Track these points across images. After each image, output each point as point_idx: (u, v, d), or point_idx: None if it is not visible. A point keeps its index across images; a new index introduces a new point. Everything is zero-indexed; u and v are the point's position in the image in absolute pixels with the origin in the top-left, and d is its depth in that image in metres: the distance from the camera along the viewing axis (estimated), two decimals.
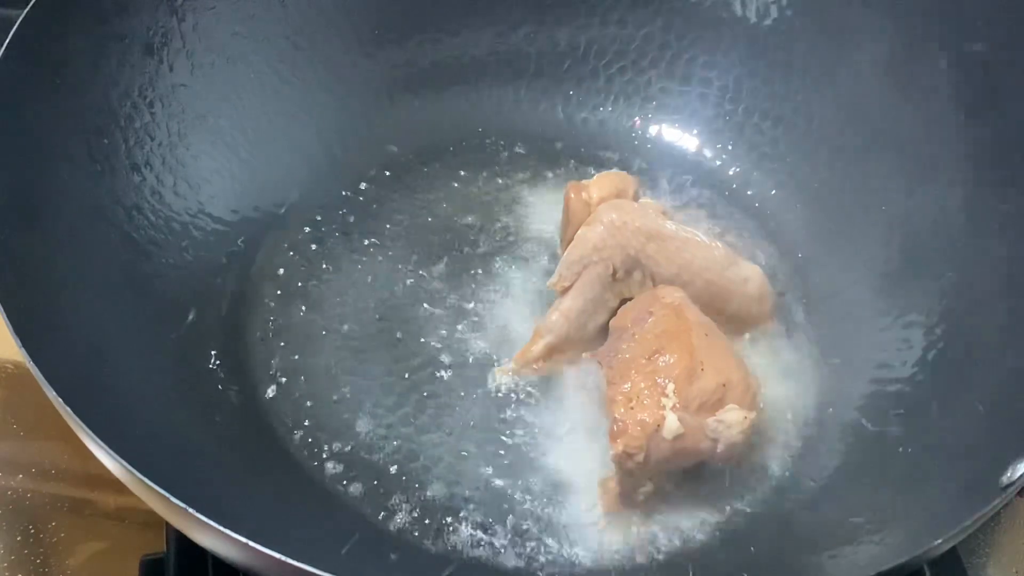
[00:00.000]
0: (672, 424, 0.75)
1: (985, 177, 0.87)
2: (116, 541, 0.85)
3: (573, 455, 0.83)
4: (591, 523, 0.79)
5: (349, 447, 0.83)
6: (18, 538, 0.84)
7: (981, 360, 0.80)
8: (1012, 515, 0.88)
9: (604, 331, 0.88)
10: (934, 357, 0.84)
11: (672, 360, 0.78)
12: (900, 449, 0.80)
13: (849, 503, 0.78)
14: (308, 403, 0.86)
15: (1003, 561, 0.86)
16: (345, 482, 0.81)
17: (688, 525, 0.80)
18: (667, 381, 0.77)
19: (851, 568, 0.69)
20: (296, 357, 0.89)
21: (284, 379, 0.87)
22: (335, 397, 0.86)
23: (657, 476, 0.78)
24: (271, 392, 0.86)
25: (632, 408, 0.76)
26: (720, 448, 0.77)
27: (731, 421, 0.77)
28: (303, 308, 0.92)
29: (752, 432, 0.78)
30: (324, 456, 0.83)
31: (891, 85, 0.95)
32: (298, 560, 0.58)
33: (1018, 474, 0.64)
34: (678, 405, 0.76)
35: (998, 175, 0.86)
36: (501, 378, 0.88)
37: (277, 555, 0.58)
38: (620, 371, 0.79)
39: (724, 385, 0.77)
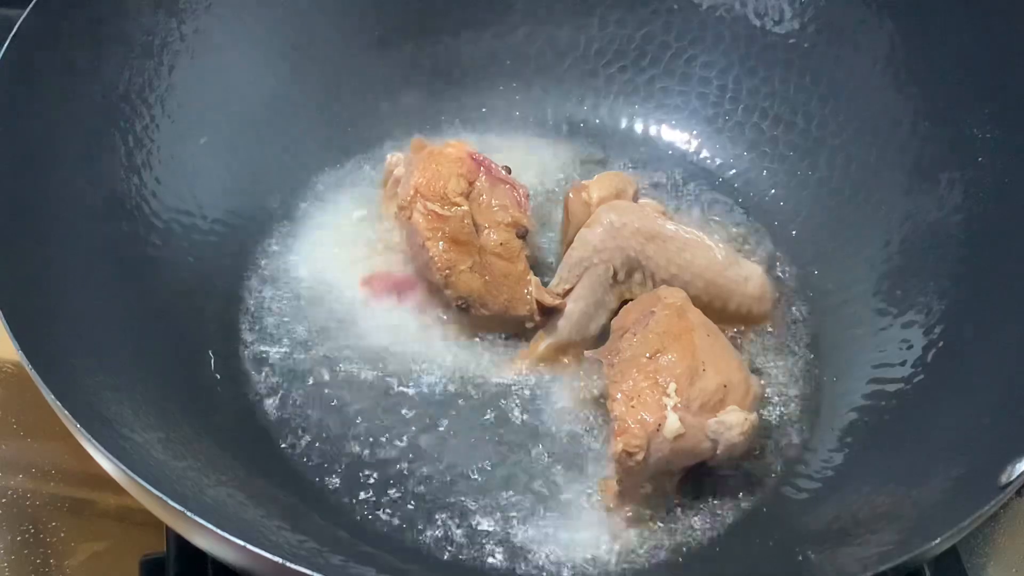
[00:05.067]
0: (673, 424, 0.75)
1: (985, 177, 0.87)
2: (116, 541, 0.85)
3: (573, 454, 0.83)
4: (590, 523, 0.79)
5: (347, 450, 0.83)
6: (18, 538, 0.84)
7: (981, 360, 0.80)
8: (1012, 515, 0.88)
9: (605, 332, 0.88)
10: (934, 357, 0.84)
11: (674, 359, 0.78)
12: (899, 449, 0.80)
13: (849, 503, 0.78)
14: (306, 405, 0.86)
15: (1003, 561, 0.86)
16: (344, 485, 0.81)
17: (688, 525, 0.80)
18: (668, 380, 0.77)
19: (851, 567, 0.69)
20: (296, 361, 0.89)
21: (283, 382, 0.87)
22: (334, 401, 0.86)
23: (657, 476, 0.78)
24: (269, 395, 0.86)
25: (633, 407, 0.76)
26: (720, 449, 0.77)
27: (732, 422, 0.76)
28: (303, 311, 0.92)
29: (752, 434, 0.78)
30: (322, 457, 0.83)
31: (891, 85, 0.95)
32: (296, 564, 0.58)
33: (1017, 474, 0.64)
34: (679, 405, 0.76)
35: (998, 175, 0.86)
36: (503, 378, 0.88)
37: (275, 558, 0.58)
38: (621, 370, 0.79)
39: (725, 386, 0.77)
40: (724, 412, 0.77)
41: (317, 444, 0.83)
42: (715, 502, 0.81)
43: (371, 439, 0.84)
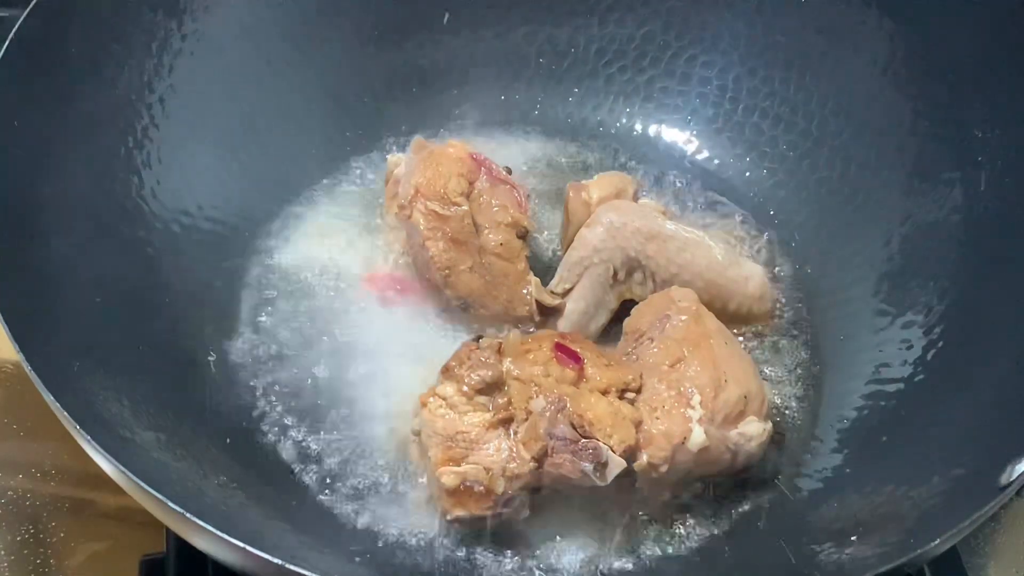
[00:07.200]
0: (698, 437, 0.74)
1: (984, 177, 0.87)
2: (116, 541, 0.85)
3: None
4: (591, 524, 0.79)
5: (345, 454, 0.83)
6: (18, 538, 0.84)
7: (980, 360, 0.80)
8: (1012, 515, 0.88)
9: (605, 332, 0.88)
10: (934, 357, 0.84)
11: (697, 370, 0.77)
12: (899, 449, 0.80)
13: (849, 503, 0.78)
14: (307, 406, 0.86)
15: (1003, 561, 0.86)
16: (338, 489, 0.81)
17: (688, 525, 0.80)
18: (692, 392, 0.76)
19: (851, 567, 0.69)
20: (296, 361, 0.89)
21: (283, 382, 0.87)
22: (335, 401, 0.86)
23: (675, 485, 0.78)
24: (269, 395, 0.86)
25: (657, 418, 0.75)
26: (740, 459, 0.77)
27: (752, 434, 0.76)
28: (302, 311, 0.92)
29: (768, 442, 0.78)
30: (318, 461, 0.82)
31: (891, 85, 0.95)
32: (296, 565, 0.58)
33: (1016, 474, 0.64)
34: (704, 417, 0.75)
35: (998, 175, 0.86)
36: None
37: (275, 560, 0.58)
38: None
39: (745, 397, 0.77)
40: (744, 423, 0.77)
41: (318, 444, 0.83)
42: (715, 503, 0.81)
43: (369, 447, 0.83)
